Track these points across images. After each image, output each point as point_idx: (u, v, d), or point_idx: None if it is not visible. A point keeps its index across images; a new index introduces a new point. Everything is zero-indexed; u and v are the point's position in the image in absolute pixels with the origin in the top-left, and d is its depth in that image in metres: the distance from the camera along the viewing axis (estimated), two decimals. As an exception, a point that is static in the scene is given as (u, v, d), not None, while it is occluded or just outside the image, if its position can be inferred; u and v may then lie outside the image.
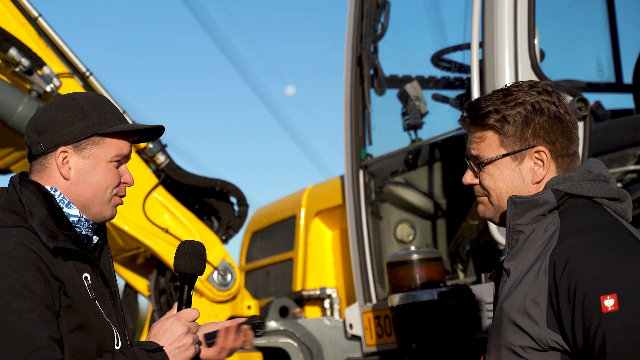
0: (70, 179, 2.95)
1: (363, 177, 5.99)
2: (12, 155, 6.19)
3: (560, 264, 2.78)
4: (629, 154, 4.84)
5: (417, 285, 5.14)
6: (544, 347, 2.81)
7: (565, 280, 2.76)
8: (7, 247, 2.77)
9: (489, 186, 3.02)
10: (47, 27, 5.83)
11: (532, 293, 2.82)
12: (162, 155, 6.18)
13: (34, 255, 2.80)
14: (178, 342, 2.92)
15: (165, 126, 3.09)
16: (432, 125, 5.85)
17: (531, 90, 2.99)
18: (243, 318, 3.50)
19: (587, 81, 6.29)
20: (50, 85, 5.66)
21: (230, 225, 6.45)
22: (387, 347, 5.70)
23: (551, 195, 2.90)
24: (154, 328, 2.95)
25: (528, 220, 2.92)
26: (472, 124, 3.03)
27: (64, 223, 2.92)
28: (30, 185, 2.94)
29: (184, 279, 3.00)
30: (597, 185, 2.94)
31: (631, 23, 6.74)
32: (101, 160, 2.97)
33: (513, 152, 2.97)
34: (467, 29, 5.21)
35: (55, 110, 2.97)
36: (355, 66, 6.03)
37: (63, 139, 2.94)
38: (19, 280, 2.74)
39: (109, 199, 3.00)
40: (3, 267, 2.74)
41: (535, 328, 2.81)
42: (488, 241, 5.30)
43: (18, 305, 2.71)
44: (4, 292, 2.71)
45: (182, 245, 3.02)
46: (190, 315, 2.97)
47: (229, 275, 6.19)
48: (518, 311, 2.84)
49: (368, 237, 5.93)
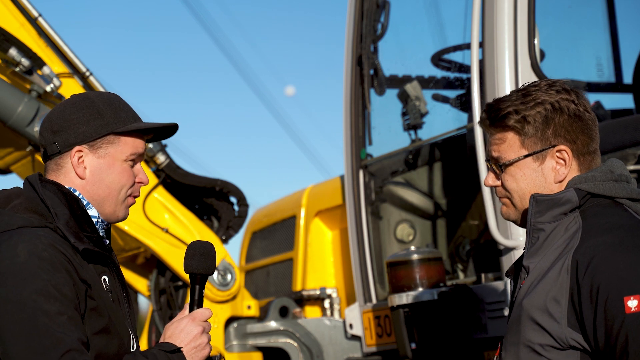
0: (85, 179, 2.95)
1: (363, 177, 5.99)
2: (12, 155, 6.18)
3: (583, 263, 2.78)
4: (629, 154, 4.84)
5: (417, 285, 5.14)
6: (563, 346, 2.81)
7: (587, 280, 2.76)
8: (36, 248, 2.77)
9: (512, 188, 3.01)
10: (47, 27, 5.83)
11: (554, 291, 2.82)
12: (162, 155, 6.18)
13: (63, 257, 2.79)
14: (194, 342, 2.93)
15: (178, 126, 3.10)
16: (432, 125, 5.85)
17: (550, 89, 2.98)
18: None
19: (587, 81, 6.29)
20: (50, 85, 5.66)
21: (230, 225, 6.45)
22: (387, 347, 5.70)
23: (574, 194, 2.91)
24: (169, 329, 2.95)
25: (549, 219, 2.92)
26: (492, 126, 3.02)
27: (86, 225, 2.93)
28: (50, 185, 2.93)
29: (194, 279, 3.00)
30: (619, 185, 2.95)
31: (631, 23, 6.74)
32: (116, 159, 2.97)
33: (535, 153, 2.97)
34: (467, 29, 5.21)
35: (70, 109, 2.96)
36: (355, 66, 6.03)
37: (78, 138, 2.93)
38: (50, 282, 2.73)
39: (123, 198, 3.00)
40: (33, 268, 2.74)
41: (555, 326, 2.81)
42: (488, 241, 5.29)
43: (49, 307, 2.71)
44: (35, 293, 2.71)
45: (192, 245, 3.02)
46: (204, 314, 2.97)
47: (229, 275, 6.19)
48: (538, 309, 2.84)
49: (368, 237, 5.93)
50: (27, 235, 2.79)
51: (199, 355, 2.93)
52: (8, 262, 2.74)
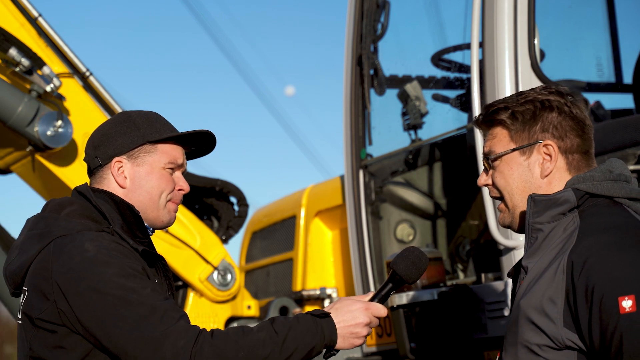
0: (126, 187, 3.09)
1: (363, 177, 5.99)
2: (12, 155, 6.18)
3: (578, 264, 2.78)
4: (629, 154, 4.84)
5: (417, 285, 5.14)
6: (560, 346, 2.81)
7: (583, 280, 2.76)
8: (102, 242, 2.91)
9: (501, 185, 3.04)
10: (47, 27, 5.83)
11: (550, 292, 2.83)
12: (162, 155, 6.18)
13: (127, 251, 2.95)
14: (354, 328, 2.98)
15: (216, 140, 3.23)
16: (432, 125, 5.85)
17: (544, 90, 3.04)
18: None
19: (587, 81, 6.29)
20: (50, 85, 5.66)
21: (230, 225, 6.45)
22: (387, 347, 5.70)
23: (571, 194, 2.91)
24: (340, 302, 3.00)
25: (548, 219, 2.93)
26: (484, 122, 3.08)
27: (138, 230, 3.06)
28: (101, 194, 3.08)
29: (393, 278, 3.07)
30: (618, 185, 2.95)
31: (631, 23, 6.74)
32: (155, 167, 3.11)
33: (521, 147, 3.00)
34: (467, 29, 5.21)
35: (108, 125, 3.15)
36: (355, 66, 6.03)
37: (117, 149, 3.09)
38: (125, 263, 2.88)
39: (164, 204, 3.12)
40: (105, 257, 2.87)
41: (551, 327, 2.81)
42: (488, 241, 5.29)
43: (133, 285, 2.85)
44: (115, 276, 2.84)
45: (412, 250, 3.09)
46: (379, 311, 3.04)
47: (229, 275, 6.19)
48: (535, 309, 2.85)
49: (368, 237, 5.93)
50: (90, 235, 2.94)
51: (350, 341, 2.97)
52: (79, 258, 2.87)
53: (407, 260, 3.06)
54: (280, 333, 2.85)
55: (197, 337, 2.80)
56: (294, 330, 2.86)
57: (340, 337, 2.93)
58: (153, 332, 2.78)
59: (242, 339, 2.83)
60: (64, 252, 2.90)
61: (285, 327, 2.86)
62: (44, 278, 2.89)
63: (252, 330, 2.86)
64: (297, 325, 2.87)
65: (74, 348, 2.86)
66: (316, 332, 2.89)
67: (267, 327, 2.86)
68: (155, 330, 2.78)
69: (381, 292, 3.06)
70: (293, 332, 2.86)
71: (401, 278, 3.06)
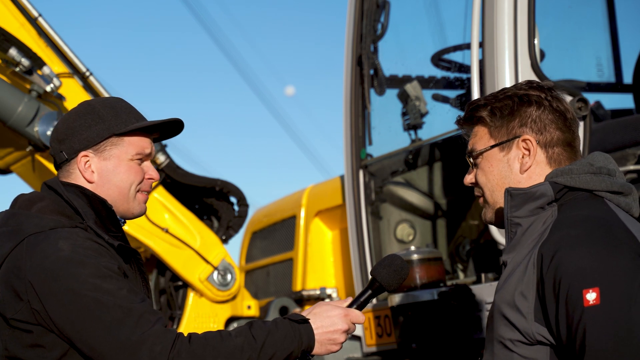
0: (94, 182, 3.03)
1: (363, 177, 5.99)
2: (12, 155, 6.18)
3: (547, 257, 2.75)
4: (629, 154, 4.84)
5: (417, 285, 5.13)
6: (531, 341, 2.78)
7: (551, 273, 2.73)
8: (77, 240, 2.85)
9: (482, 182, 3.03)
10: (47, 27, 5.83)
11: (521, 286, 2.80)
12: (162, 155, 6.18)
13: (102, 248, 2.89)
14: (332, 334, 2.94)
15: (184, 124, 3.14)
16: (432, 125, 5.84)
17: (524, 85, 3.02)
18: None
19: (587, 81, 6.29)
20: (50, 85, 5.66)
21: (230, 225, 6.45)
22: (387, 347, 5.70)
23: (548, 187, 2.89)
24: (318, 307, 2.96)
25: (526, 213, 2.90)
26: (465, 122, 3.07)
27: (110, 224, 3.01)
28: (72, 188, 3.02)
29: (373, 284, 3.02)
30: (598, 178, 2.91)
31: (631, 23, 6.74)
32: (122, 159, 3.04)
33: (500, 143, 2.98)
34: (467, 29, 5.21)
35: (72, 118, 3.06)
36: (355, 66, 6.03)
37: (82, 144, 3.02)
38: (100, 264, 2.82)
39: (133, 195, 3.06)
40: (81, 256, 2.81)
41: (522, 321, 2.79)
42: (488, 241, 5.29)
43: (108, 286, 2.79)
44: (91, 277, 2.78)
45: (394, 257, 3.05)
46: (358, 318, 2.99)
47: (229, 275, 6.19)
48: (508, 304, 2.82)
49: (368, 237, 5.93)
50: (63, 233, 2.87)
51: (327, 347, 2.93)
52: (54, 258, 2.81)
53: (389, 268, 3.02)
54: (258, 338, 2.81)
55: (174, 342, 2.75)
56: (272, 336, 2.83)
57: (317, 343, 2.90)
58: (129, 337, 2.73)
59: (220, 345, 2.79)
60: (38, 250, 2.83)
61: (264, 332, 2.83)
62: (17, 277, 2.83)
63: (230, 335, 2.82)
64: (275, 330, 2.84)
65: (52, 347, 2.81)
66: (294, 337, 2.85)
67: (246, 332, 2.82)
68: (132, 334, 2.73)
69: (360, 299, 3.01)
70: (271, 338, 2.82)
71: (381, 285, 3.02)
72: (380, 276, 3.02)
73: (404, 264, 3.04)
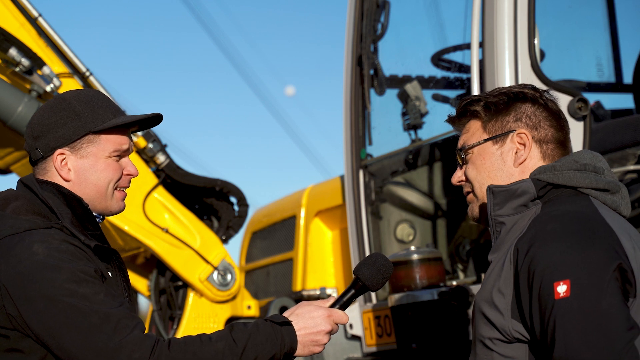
0: (71, 180, 2.95)
1: (363, 177, 5.99)
2: (12, 155, 6.19)
3: (522, 251, 2.73)
4: (629, 154, 4.83)
5: (417, 285, 5.13)
6: (509, 339, 2.76)
7: (525, 267, 2.71)
8: (52, 244, 2.78)
9: (472, 176, 2.99)
10: (47, 27, 5.83)
11: (499, 283, 2.78)
12: (162, 155, 6.18)
13: (79, 250, 2.82)
14: (315, 336, 2.89)
15: (163, 116, 3.06)
16: (432, 125, 5.85)
17: (519, 85, 3.02)
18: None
19: (587, 81, 6.29)
20: (50, 85, 5.66)
21: (230, 225, 6.44)
22: (387, 347, 5.70)
23: (530, 184, 2.86)
24: (301, 307, 2.91)
25: (509, 211, 2.87)
26: (458, 118, 3.06)
27: (88, 223, 2.94)
28: (48, 186, 2.94)
29: (356, 284, 2.98)
30: (582, 174, 2.88)
31: (631, 23, 6.74)
32: (99, 157, 2.96)
33: (495, 137, 2.97)
34: (467, 29, 5.21)
35: (47, 113, 2.96)
36: (355, 66, 6.03)
37: (58, 141, 2.94)
38: (76, 268, 2.75)
39: (111, 194, 2.99)
40: (55, 261, 2.74)
41: (500, 319, 2.77)
42: (488, 241, 5.29)
43: (84, 291, 2.73)
44: (67, 282, 2.72)
45: (376, 257, 3.01)
46: (341, 318, 2.94)
47: (229, 275, 6.19)
48: (486, 302, 2.80)
49: (368, 237, 5.93)
50: (38, 236, 2.80)
51: (310, 348, 2.88)
52: (28, 262, 2.74)
53: (373, 267, 2.98)
54: (239, 342, 2.76)
55: (154, 348, 2.69)
56: (253, 339, 2.78)
57: (300, 345, 2.86)
58: (107, 343, 2.67)
59: (200, 350, 2.74)
60: (12, 254, 2.76)
61: (245, 335, 2.78)
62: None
63: (210, 339, 2.76)
64: (256, 333, 2.79)
65: (30, 351, 2.76)
66: (276, 340, 2.81)
67: (226, 336, 2.78)
68: (110, 341, 2.67)
69: (343, 299, 2.97)
70: (253, 341, 2.78)
71: (365, 285, 2.98)
72: (363, 275, 2.98)
73: (387, 263, 3.00)
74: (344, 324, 2.97)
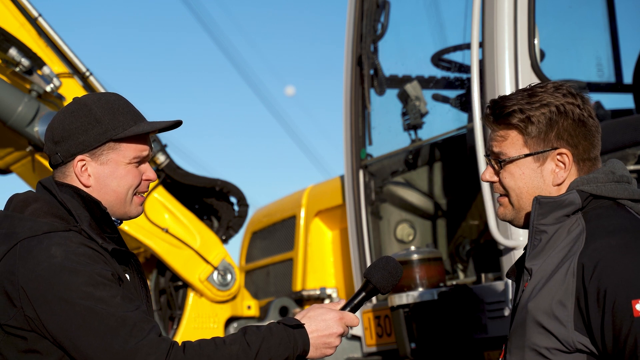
0: (91, 186, 2.97)
1: (363, 177, 5.99)
2: (12, 155, 6.18)
3: (589, 267, 2.77)
4: (629, 154, 4.84)
5: (417, 285, 5.13)
6: (570, 349, 2.80)
7: (594, 283, 2.75)
8: (70, 247, 2.81)
9: (509, 185, 3.00)
10: (47, 27, 5.83)
11: (559, 295, 2.81)
12: (162, 155, 6.18)
13: (96, 254, 2.84)
14: (327, 338, 2.91)
15: (182, 122, 3.07)
16: (432, 125, 5.85)
17: (556, 92, 2.97)
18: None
19: (587, 81, 6.29)
20: (50, 85, 5.66)
21: (230, 225, 6.44)
22: (387, 347, 5.70)
23: (577, 196, 2.90)
24: (313, 310, 2.94)
25: (552, 221, 2.91)
26: (496, 122, 3.01)
27: (106, 226, 2.96)
28: (67, 188, 2.96)
29: (366, 286, 3.00)
30: (621, 186, 2.94)
31: (631, 23, 6.74)
32: (120, 163, 2.98)
33: (536, 153, 2.95)
34: (467, 29, 5.21)
35: (68, 118, 2.97)
36: (355, 66, 6.03)
37: (79, 148, 2.95)
38: (94, 271, 2.78)
39: (130, 199, 3.01)
40: (73, 264, 2.77)
41: (562, 330, 2.80)
42: (488, 241, 5.29)
43: (101, 294, 2.75)
44: (84, 285, 2.75)
45: (388, 260, 3.03)
46: (352, 321, 2.96)
47: (229, 275, 6.19)
48: (544, 313, 2.83)
49: (368, 237, 5.93)
50: (57, 238, 2.82)
51: (322, 351, 2.90)
52: (46, 265, 2.77)
53: (384, 271, 3.00)
54: (253, 346, 2.79)
55: (169, 351, 2.72)
56: (267, 342, 2.80)
57: (312, 347, 2.88)
58: (123, 346, 2.70)
59: (214, 353, 2.76)
60: (31, 256, 2.79)
61: (258, 338, 2.80)
62: (10, 282, 2.79)
63: (224, 342, 2.79)
64: (270, 337, 2.82)
65: (48, 352, 2.79)
66: (289, 343, 2.83)
67: (240, 339, 2.80)
68: (125, 344, 2.70)
69: (354, 301, 2.99)
70: (266, 344, 2.80)
71: (375, 288, 3.00)
72: (374, 278, 3.00)
73: (397, 266, 3.02)
74: (355, 326, 2.99)
